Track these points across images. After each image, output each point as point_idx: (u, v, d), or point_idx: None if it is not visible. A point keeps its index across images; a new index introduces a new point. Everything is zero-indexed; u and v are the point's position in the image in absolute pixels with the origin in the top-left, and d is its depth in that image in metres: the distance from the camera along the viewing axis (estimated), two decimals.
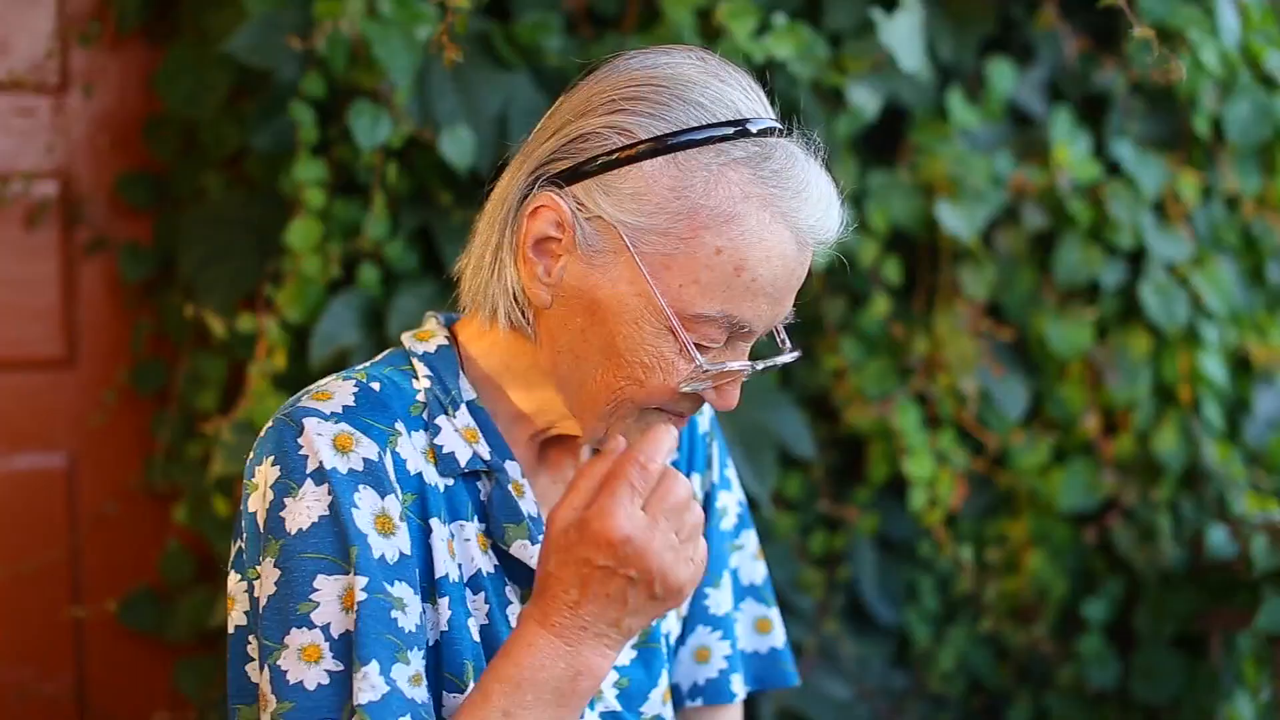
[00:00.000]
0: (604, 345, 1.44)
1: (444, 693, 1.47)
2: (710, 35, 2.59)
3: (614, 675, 1.59)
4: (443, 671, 1.47)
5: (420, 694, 1.41)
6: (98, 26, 2.79)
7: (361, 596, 1.39)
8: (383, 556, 1.42)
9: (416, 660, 1.42)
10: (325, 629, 1.39)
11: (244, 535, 1.48)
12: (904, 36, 2.71)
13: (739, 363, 1.46)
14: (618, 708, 1.58)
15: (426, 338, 1.56)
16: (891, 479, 2.97)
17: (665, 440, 1.37)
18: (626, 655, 1.61)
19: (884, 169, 2.90)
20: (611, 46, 2.60)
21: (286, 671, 1.39)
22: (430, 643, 1.47)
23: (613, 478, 1.35)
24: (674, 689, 1.72)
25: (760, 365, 1.47)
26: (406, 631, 1.42)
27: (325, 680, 1.39)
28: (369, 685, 1.37)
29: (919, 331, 2.93)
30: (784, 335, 1.56)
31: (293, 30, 2.38)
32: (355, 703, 1.36)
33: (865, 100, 2.76)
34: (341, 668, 1.39)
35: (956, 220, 2.84)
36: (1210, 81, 3.09)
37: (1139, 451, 3.15)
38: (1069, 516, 3.13)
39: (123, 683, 2.92)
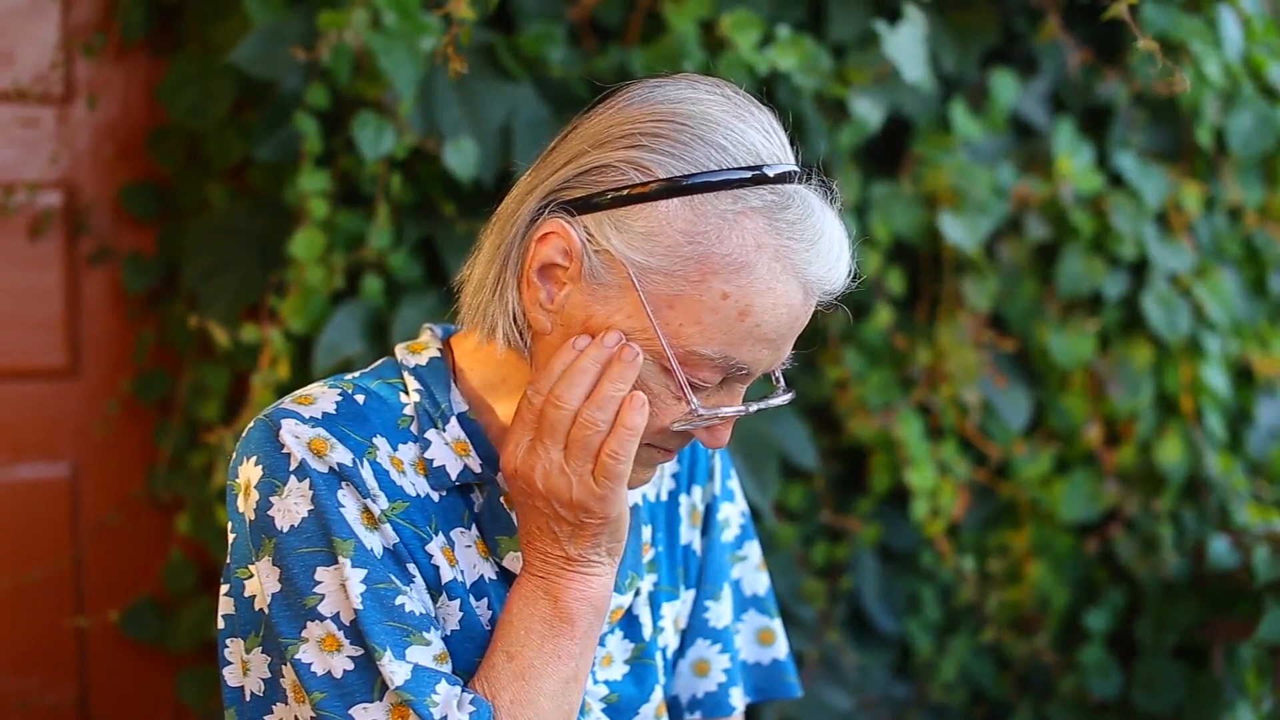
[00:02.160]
0: None
1: None
2: (714, 47, 2.60)
3: (603, 690, 1.59)
4: (454, 670, 1.48)
5: (447, 669, 1.44)
6: (102, 38, 2.79)
7: (362, 589, 1.41)
8: (373, 550, 1.43)
9: (436, 640, 1.45)
10: (336, 618, 1.41)
11: (232, 536, 1.48)
12: (907, 48, 2.71)
13: (733, 407, 1.45)
14: None
15: (419, 350, 1.56)
16: (893, 489, 2.97)
17: (555, 368, 1.42)
18: (619, 670, 1.61)
19: (887, 180, 2.90)
20: (615, 58, 2.61)
21: (311, 664, 1.41)
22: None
23: (513, 417, 1.46)
24: (673, 702, 1.72)
25: (754, 407, 1.46)
26: (418, 615, 1.43)
27: (350, 666, 1.41)
28: (394, 669, 1.40)
29: (921, 342, 2.94)
30: (779, 375, 1.55)
31: (297, 41, 2.39)
32: (391, 687, 1.40)
33: (868, 111, 2.76)
34: (361, 652, 1.41)
35: (959, 231, 2.84)
36: (1213, 93, 3.10)
37: (1141, 462, 3.15)
38: (1071, 527, 3.13)
39: (125, 693, 2.92)
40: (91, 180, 2.84)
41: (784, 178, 1.41)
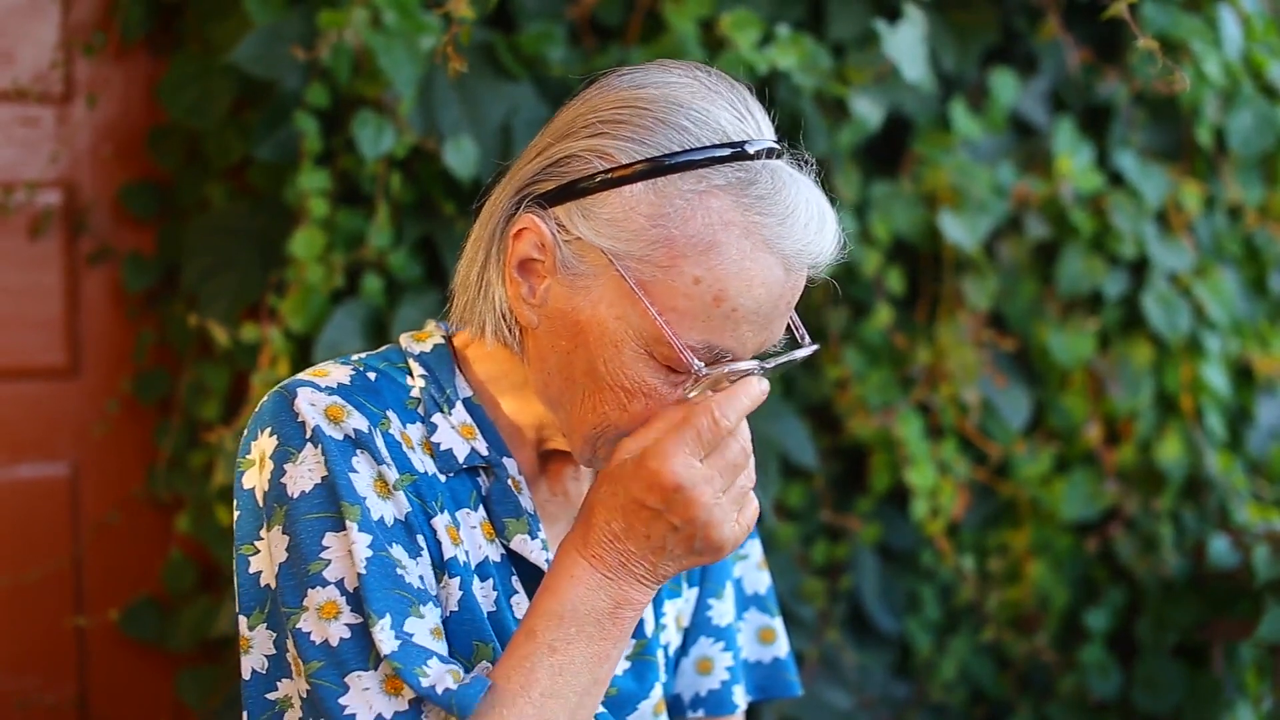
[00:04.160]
0: (588, 369, 1.42)
1: None
2: (714, 46, 2.60)
3: None
4: (451, 650, 1.47)
5: (442, 647, 1.42)
6: (102, 37, 2.79)
7: (368, 554, 1.40)
8: (382, 518, 1.42)
9: (432, 615, 1.43)
10: (340, 584, 1.40)
11: (236, 514, 1.47)
12: (907, 47, 2.71)
13: (746, 363, 1.42)
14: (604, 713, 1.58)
15: (424, 338, 1.56)
16: (893, 489, 2.97)
17: (743, 398, 1.39)
18: (620, 665, 1.61)
19: (887, 179, 2.90)
20: (615, 57, 2.61)
21: (310, 633, 1.39)
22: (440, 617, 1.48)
23: (684, 423, 1.38)
24: (675, 700, 1.72)
25: (771, 364, 1.44)
26: (416, 588, 1.42)
27: (347, 634, 1.39)
28: (387, 637, 1.38)
29: (921, 341, 2.94)
30: (803, 330, 1.52)
31: (297, 41, 2.39)
32: (380, 654, 1.37)
33: (868, 111, 2.76)
34: (359, 620, 1.39)
35: (959, 230, 2.84)
36: (1213, 92, 3.10)
37: (1141, 461, 3.15)
38: (1071, 526, 3.13)
39: (125, 692, 2.92)
40: (91, 179, 2.84)
41: (755, 155, 1.39)
